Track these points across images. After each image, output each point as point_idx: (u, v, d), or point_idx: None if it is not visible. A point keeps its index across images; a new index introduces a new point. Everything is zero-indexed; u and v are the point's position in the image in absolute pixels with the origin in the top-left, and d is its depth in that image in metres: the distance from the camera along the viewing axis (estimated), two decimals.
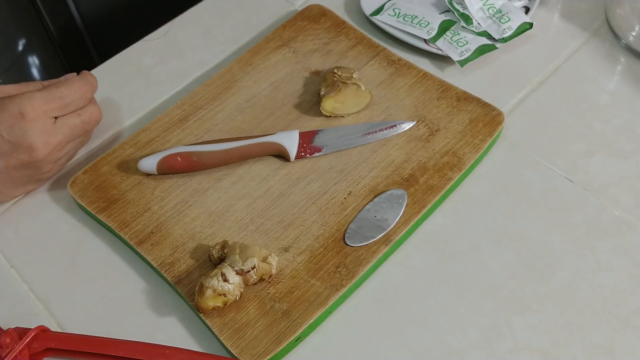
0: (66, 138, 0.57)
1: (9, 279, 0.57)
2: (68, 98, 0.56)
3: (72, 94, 0.57)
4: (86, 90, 0.58)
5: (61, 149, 0.57)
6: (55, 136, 0.56)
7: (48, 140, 0.55)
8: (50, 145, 0.55)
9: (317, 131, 0.62)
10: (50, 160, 0.57)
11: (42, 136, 0.55)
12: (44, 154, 0.55)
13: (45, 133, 0.55)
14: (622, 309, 0.52)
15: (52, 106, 0.55)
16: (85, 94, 0.58)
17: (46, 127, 0.55)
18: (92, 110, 0.59)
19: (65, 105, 0.56)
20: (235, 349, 0.50)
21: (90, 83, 0.58)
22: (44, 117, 0.55)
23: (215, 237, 0.56)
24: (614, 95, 0.66)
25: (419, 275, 0.55)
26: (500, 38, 0.68)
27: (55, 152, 0.57)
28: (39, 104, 0.55)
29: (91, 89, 0.58)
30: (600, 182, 0.59)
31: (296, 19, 0.72)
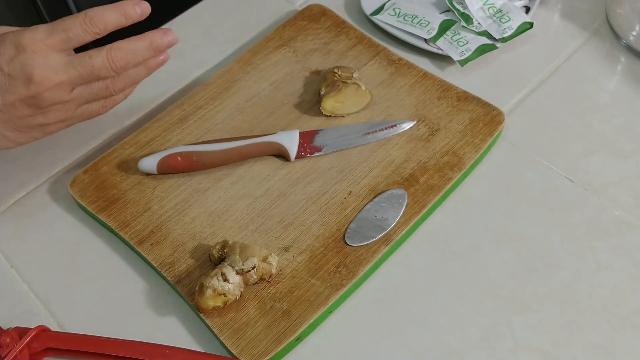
0: (72, 79, 0.52)
1: (9, 278, 0.57)
2: (71, 31, 0.52)
3: (75, 27, 0.52)
4: (91, 23, 0.52)
5: (67, 90, 0.53)
6: (58, 73, 0.52)
7: (49, 76, 0.51)
8: (51, 80, 0.51)
9: (317, 131, 0.62)
10: (52, 99, 0.52)
11: (43, 69, 0.51)
12: (43, 88, 0.51)
13: (46, 67, 0.51)
14: (622, 309, 0.52)
15: (54, 39, 0.51)
16: (92, 28, 0.52)
17: (49, 62, 0.51)
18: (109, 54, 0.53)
19: (68, 38, 0.52)
20: (235, 348, 0.50)
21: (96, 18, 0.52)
22: (46, 51, 0.51)
23: (216, 237, 0.56)
24: (614, 95, 0.66)
25: (419, 275, 0.55)
26: (501, 38, 0.68)
27: (59, 92, 0.52)
28: (41, 37, 0.51)
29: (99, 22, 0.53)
30: (601, 182, 0.59)
31: (296, 18, 0.72)
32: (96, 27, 0.52)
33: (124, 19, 0.54)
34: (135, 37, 0.55)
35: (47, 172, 0.63)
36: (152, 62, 0.57)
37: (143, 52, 0.55)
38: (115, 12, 0.53)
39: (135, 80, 0.57)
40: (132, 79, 0.57)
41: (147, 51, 0.55)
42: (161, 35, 0.56)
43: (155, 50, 0.56)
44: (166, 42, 0.56)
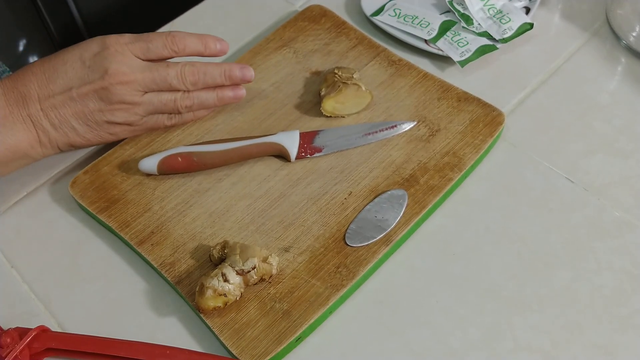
0: (145, 81, 0.56)
1: (10, 279, 0.57)
2: (152, 43, 0.56)
3: (157, 40, 0.57)
4: (172, 42, 0.57)
5: (138, 91, 0.56)
6: (134, 72, 0.56)
7: (124, 71, 0.55)
8: (125, 75, 0.55)
9: (318, 131, 0.62)
10: (123, 95, 0.56)
11: (120, 65, 0.55)
12: (116, 81, 0.55)
13: (123, 64, 0.55)
14: (623, 309, 0.52)
15: (136, 45, 0.56)
16: (171, 45, 0.57)
17: (127, 60, 0.56)
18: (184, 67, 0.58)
19: (148, 48, 0.56)
20: (235, 349, 0.50)
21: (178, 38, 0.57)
22: (127, 52, 0.56)
23: (216, 238, 0.56)
24: (614, 96, 0.66)
25: (420, 275, 0.55)
26: (501, 38, 0.68)
27: (130, 90, 0.56)
28: (125, 40, 0.56)
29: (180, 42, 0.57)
30: (601, 182, 0.59)
31: (297, 19, 0.72)
32: (176, 46, 0.57)
33: (203, 48, 0.59)
34: (213, 62, 0.60)
35: (48, 172, 0.64)
36: (225, 92, 0.61)
37: (215, 76, 0.59)
38: (197, 39, 0.58)
39: (204, 103, 0.61)
40: (201, 102, 0.60)
41: (220, 77, 0.60)
42: (239, 68, 0.60)
43: (227, 79, 0.60)
44: (240, 76, 0.60)
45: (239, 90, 0.61)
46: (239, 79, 0.60)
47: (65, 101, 0.56)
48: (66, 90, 0.55)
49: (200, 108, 0.61)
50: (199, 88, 0.59)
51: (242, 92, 0.62)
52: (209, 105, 0.61)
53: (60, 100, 0.56)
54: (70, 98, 0.55)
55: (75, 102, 0.56)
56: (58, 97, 0.55)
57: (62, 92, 0.55)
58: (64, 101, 0.56)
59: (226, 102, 0.62)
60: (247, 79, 0.60)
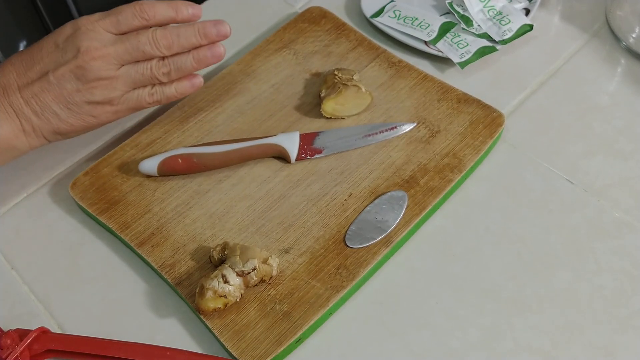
0: (118, 52, 0.55)
1: (10, 280, 0.57)
2: (121, 15, 0.56)
3: (126, 11, 0.56)
4: (141, 9, 0.56)
5: (113, 65, 0.55)
6: (106, 46, 0.55)
7: (96, 46, 0.55)
8: (98, 51, 0.55)
9: (318, 133, 0.62)
10: (99, 70, 0.55)
11: (91, 41, 0.55)
12: (89, 57, 0.54)
13: (95, 39, 0.55)
14: (623, 310, 0.52)
15: (106, 20, 0.55)
16: (141, 13, 0.56)
17: (98, 36, 0.55)
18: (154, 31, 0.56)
19: (118, 21, 0.56)
20: (235, 350, 0.50)
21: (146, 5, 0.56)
22: (97, 28, 0.55)
23: (216, 239, 0.56)
24: (614, 97, 0.66)
25: (420, 276, 0.55)
26: (501, 40, 0.68)
27: (105, 64, 0.55)
28: (95, 18, 0.56)
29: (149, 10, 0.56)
30: (601, 183, 0.59)
31: (297, 20, 0.72)
32: (145, 14, 0.55)
33: (175, 13, 0.56)
34: (185, 24, 0.57)
35: (48, 174, 0.64)
36: (201, 52, 0.57)
37: (189, 36, 0.56)
38: (167, 5, 0.56)
39: (181, 68, 0.58)
40: (178, 66, 0.57)
41: (194, 36, 0.56)
42: (212, 24, 0.57)
43: (203, 37, 0.57)
44: (216, 31, 0.57)
45: (216, 48, 0.58)
46: (214, 35, 0.57)
47: (43, 86, 0.55)
48: (43, 75, 0.55)
49: (179, 74, 0.58)
50: (175, 52, 0.57)
51: (220, 49, 0.58)
52: (188, 69, 0.58)
53: (38, 86, 0.55)
54: (47, 82, 0.55)
55: (53, 86, 0.55)
56: (36, 83, 0.55)
57: (40, 77, 0.55)
58: (42, 86, 0.55)
59: (205, 63, 0.58)
60: (223, 33, 0.58)
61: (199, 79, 0.60)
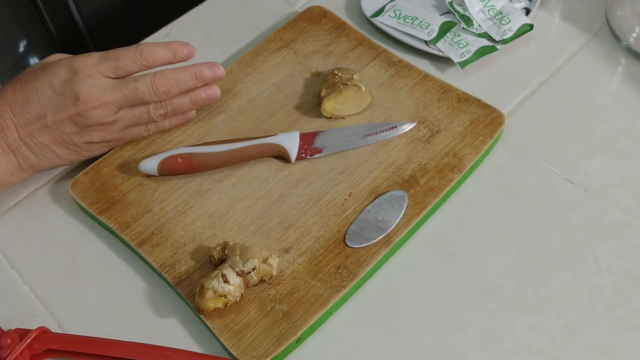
0: (117, 100, 0.56)
1: (10, 279, 0.57)
2: (121, 61, 0.56)
3: (126, 57, 0.56)
4: (141, 56, 0.57)
5: (111, 111, 0.56)
6: (105, 94, 0.55)
7: (96, 95, 0.55)
8: (97, 100, 0.55)
9: (318, 132, 0.62)
10: (98, 118, 0.56)
11: (91, 89, 0.55)
12: (89, 106, 0.55)
13: (94, 87, 0.55)
14: (623, 310, 0.52)
15: (105, 65, 0.56)
16: (141, 60, 0.57)
17: (97, 83, 0.55)
18: (153, 79, 0.57)
19: (117, 66, 0.56)
20: (235, 350, 0.50)
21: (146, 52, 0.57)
22: (96, 74, 0.55)
23: (216, 239, 0.56)
24: (614, 97, 0.66)
25: (420, 276, 0.55)
26: (501, 39, 0.68)
27: (104, 112, 0.56)
28: (93, 62, 0.56)
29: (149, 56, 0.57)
30: (601, 183, 0.59)
31: (297, 20, 0.72)
32: (145, 60, 0.57)
33: (172, 56, 0.58)
34: (181, 67, 0.59)
35: (49, 173, 0.64)
36: (197, 94, 0.60)
37: (186, 80, 0.59)
38: (165, 49, 0.58)
39: (178, 109, 0.61)
40: (175, 108, 0.60)
41: (191, 80, 0.59)
42: (208, 67, 0.60)
43: (199, 81, 0.59)
44: (211, 75, 0.60)
45: (212, 90, 0.61)
46: (210, 79, 0.60)
47: (41, 129, 0.56)
48: (41, 118, 0.56)
49: (175, 114, 0.61)
50: (173, 96, 0.59)
51: (215, 91, 0.61)
52: (184, 110, 0.61)
53: (36, 128, 0.56)
54: (45, 126, 0.56)
55: (52, 129, 0.56)
56: (34, 125, 0.56)
57: (37, 120, 0.56)
58: (41, 129, 0.56)
59: (201, 105, 0.62)
60: (218, 76, 0.60)
61: (193, 114, 0.63)
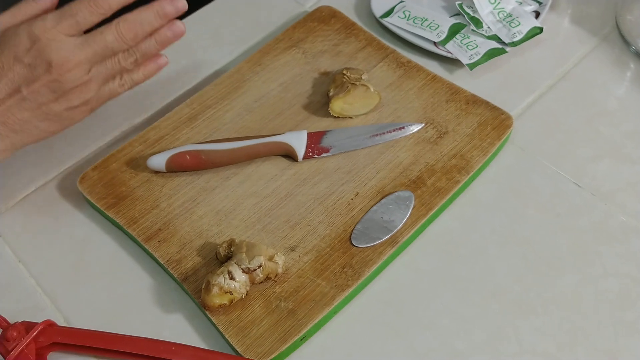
0: (88, 57, 0.54)
1: (17, 273, 0.57)
2: (79, 15, 0.54)
3: (82, 10, 0.53)
4: (96, 5, 0.54)
5: (85, 70, 0.54)
6: (75, 54, 0.53)
7: (67, 57, 0.53)
8: (69, 62, 0.53)
9: (326, 132, 0.62)
10: (73, 80, 0.54)
11: (60, 52, 0.53)
12: (64, 70, 0.53)
13: (63, 50, 0.53)
14: (628, 314, 0.52)
15: (64, 25, 0.53)
16: (97, 9, 0.54)
17: (64, 45, 0.53)
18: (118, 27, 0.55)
19: (76, 22, 0.54)
20: (240, 346, 0.50)
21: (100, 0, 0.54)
22: (59, 36, 0.53)
23: (223, 235, 0.56)
24: (622, 101, 0.66)
25: (425, 277, 0.55)
26: (510, 42, 0.68)
27: (78, 72, 0.54)
28: (52, 24, 0.53)
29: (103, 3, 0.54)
30: (608, 187, 0.59)
31: (306, 20, 0.72)
32: (101, 8, 0.54)
33: None
34: (143, 7, 0.56)
35: (57, 168, 0.64)
36: (163, 34, 0.57)
37: (151, 21, 0.56)
38: None
39: (147, 53, 0.57)
40: (143, 52, 0.57)
41: (155, 20, 0.56)
42: (168, 2, 0.56)
43: (163, 18, 0.56)
44: (174, 9, 0.56)
45: (175, 26, 0.57)
46: (173, 13, 0.57)
47: (18, 103, 0.54)
48: (15, 93, 0.54)
49: (145, 59, 0.58)
50: (140, 39, 0.56)
51: (179, 27, 0.57)
52: (152, 52, 0.58)
53: (12, 104, 0.54)
54: (22, 99, 0.54)
55: (29, 102, 0.54)
56: (8, 102, 0.54)
57: (11, 95, 0.54)
58: (17, 104, 0.54)
59: (167, 44, 0.58)
60: (180, 9, 0.57)
61: (164, 59, 0.60)
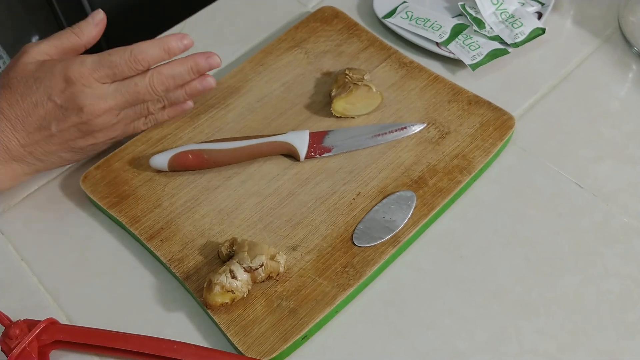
0: (119, 104, 0.57)
1: (20, 271, 0.57)
2: (117, 68, 0.55)
3: (121, 64, 0.56)
4: (135, 61, 0.56)
5: (114, 115, 0.57)
6: (107, 101, 0.56)
7: (99, 104, 0.55)
8: (101, 108, 0.56)
9: (328, 132, 0.62)
10: (103, 124, 0.57)
11: (92, 99, 0.55)
12: (94, 115, 0.56)
13: (96, 97, 0.55)
14: (629, 315, 0.52)
15: (100, 74, 0.55)
16: (135, 65, 0.56)
17: (97, 92, 0.55)
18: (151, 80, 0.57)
19: (113, 74, 0.56)
20: (242, 345, 0.50)
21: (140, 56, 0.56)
22: (94, 83, 0.55)
23: (224, 235, 0.56)
24: (624, 102, 0.66)
25: (427, 277, 0.55)
26: (513, 43, 0.68)
27: (108, 117, 0.57)
28: (88, 71, 0.55)
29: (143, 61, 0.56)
30: (610, 188, 0.59)
31: (309, 20, 0.72)
32: (140, 65, 0.56)
33: (167, 55, 0.58)
34: (177, 61, 0.58)
35: (60, 168, 0.64)
36: (193, 86, 0.60)
37: (183, 75, 0.58)
38: (159, 49, 0.57)
39: (175, 102, 0.61)
40: (172, 101, 0.61)
41: (188, 75, 0.59)
42: (204, 58, 0.59)
43: (196, 73, 0.59)
44: (207, 66, 0.59)
45: (206, 81, 0.60)
46: (206, 69, 0.59)
47: (46, 139, 0.57)
48: (44, 130, 0.56)
49: (172, 105, 0.61)
50: (172, 91, 0.59)
51: (209, 82, 0.60)
52: (180, 101, 0.61)
53: (40, 138, 0.57)
54: (50, 136, 0.57)
55: (57, 137, 0.57)
56: (37, 136, 0.56)
57: (40, 132, 0.56)
58: (45, 139, 0.57)
59: (196, 95, 0.61)
60: (215, 65, 0.59)
61: (189, 104, 0.63)
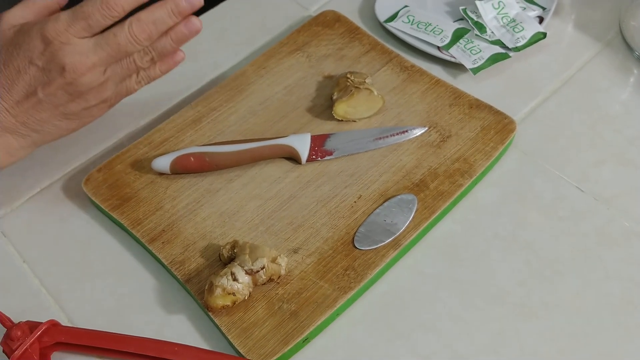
0: (102, 59, 0.54)
1: (21, 273, 0.58)
2: (91, 19, 0.53)
3: (94, 13, 0.52)
4: (108, 8, 0.52)
5: (100, 72, 0.54)
6: (89, 56, 0.53)
7: (81, 61, 0.53)
8: (83, 65, 0.53)
9: (329, 135, 0.62)
10: (89, 83, 0.54)
11: (73, 56, 0.53)
12: (78, 74, 0.53)
13: (76, 53, 0.53)
14: (630, 319, 0.52)
15: (76, 28, 0.52)
16: (110, 12, 0.52)
17: (77, 48, 0.53)
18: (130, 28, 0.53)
19: (89, 26, 0.53)
20: (242, 348, 0.50)
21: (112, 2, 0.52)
22: (72, 39, 0.53)
23: (226, 237, 0.56)
24: (625, 106, 0.66)
25: (428, 280, 0.55)
26: (514, 47, 0.69)
27: (93, 74, 0.54)
28: (64, 26, 0.52)
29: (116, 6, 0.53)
30: (611, 192, 0.59)
31: (311, 24, 0.72)
32: (114, 11, 0.53)
33: None
34: (156, 4, 0.54)
35: (62, 169, 0.64)
36: (179, 31, 0.56)
37: (165, 19, 0.54)
38: None
39: (162, 51, 0.57)
40: (159, 51, 0.57)
41: (170, 18, 0.55)
42: None
43: (178, 16, 0.55)
44: (189, 6, 0.55)
45: (191, 23, 0.56)
46: (188, 10, 0.55)
47: (35, 105, 0.54)
48: (31, 96, 0.54)
49: (162, 57, 0.58)
50: (155, 39, 0.56)
51: (195, 24, 0.56)
52: (169, 50, 0.57)
53: (30, 106, 0.54)
54: (38, 101, 0.54)
55: (45, 103, 0.54)
56: (26, 104, 0.54)
57: (28, 97, 0.54)
58: (34, 106, 0.54)
59: (184, 41, 0.57)
60: (196, 5, 0.55)
61: (180, 54, 0.59)
